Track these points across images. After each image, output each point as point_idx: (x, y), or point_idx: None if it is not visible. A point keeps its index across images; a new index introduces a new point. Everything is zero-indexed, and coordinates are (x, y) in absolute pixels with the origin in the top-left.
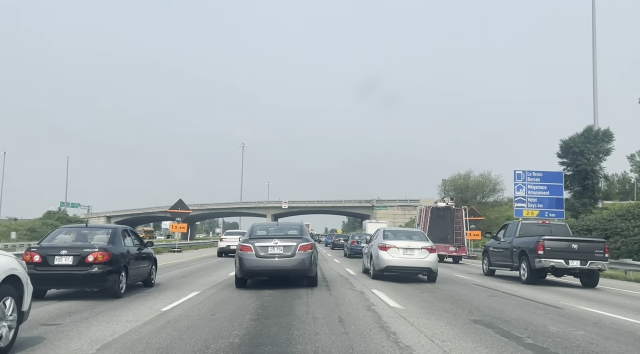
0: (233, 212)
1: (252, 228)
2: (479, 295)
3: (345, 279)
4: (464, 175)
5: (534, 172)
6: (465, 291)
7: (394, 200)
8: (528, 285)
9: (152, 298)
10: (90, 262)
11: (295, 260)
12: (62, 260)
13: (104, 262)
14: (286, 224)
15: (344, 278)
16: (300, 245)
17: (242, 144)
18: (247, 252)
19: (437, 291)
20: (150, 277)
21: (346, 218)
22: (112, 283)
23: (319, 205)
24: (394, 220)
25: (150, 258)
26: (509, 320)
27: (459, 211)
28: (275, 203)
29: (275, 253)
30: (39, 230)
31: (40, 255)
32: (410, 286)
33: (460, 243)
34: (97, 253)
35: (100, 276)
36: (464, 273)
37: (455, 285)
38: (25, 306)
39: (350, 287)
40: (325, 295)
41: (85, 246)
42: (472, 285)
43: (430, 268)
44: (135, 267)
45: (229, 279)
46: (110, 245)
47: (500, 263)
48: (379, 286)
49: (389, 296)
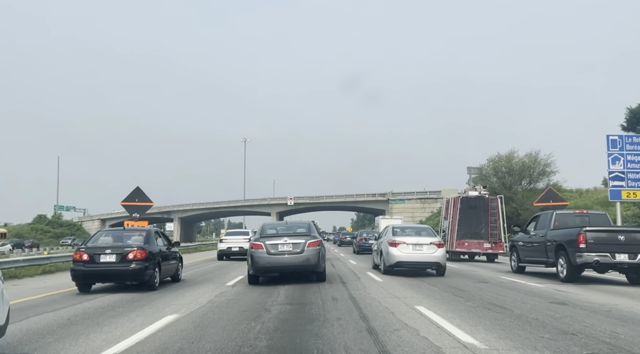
0: (235, 211)
1: (262, 227)
2: (513, 295)
3: (353, 273)
4: (506, 156)
5: (634, 137)
6: (496, 289)
7: (412, 192)
8: (568, 282)
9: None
10: (130, 259)
11: (304, 256)
12: (106, 258)
13: (142, 259)
14: (295, 223)
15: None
16: (308, 242)
17: (244, 139)
18: (259, 250)
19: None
20: (178, 273)
21: (355, 216)
22: (149, 277)
23: (328, 200)
24: (413, 215)
25: (177, 257)
26: None
27: (494, 200)
28: (280, 200)
29: (285, 250)
30: (26, 235)
31: (88, 254)
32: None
33: (496, 238)
34: (136, 252)
35: (139, 271)
36: (492, 270)
37: (477, 282)
38: (1, 320)
39: (357, 279)
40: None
41: (126, 246)
42: (499, 282)
43: (439, 262)
44: (166, 264)
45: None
46: (146, 245)
47: (531, 259)
48: (386, 278)
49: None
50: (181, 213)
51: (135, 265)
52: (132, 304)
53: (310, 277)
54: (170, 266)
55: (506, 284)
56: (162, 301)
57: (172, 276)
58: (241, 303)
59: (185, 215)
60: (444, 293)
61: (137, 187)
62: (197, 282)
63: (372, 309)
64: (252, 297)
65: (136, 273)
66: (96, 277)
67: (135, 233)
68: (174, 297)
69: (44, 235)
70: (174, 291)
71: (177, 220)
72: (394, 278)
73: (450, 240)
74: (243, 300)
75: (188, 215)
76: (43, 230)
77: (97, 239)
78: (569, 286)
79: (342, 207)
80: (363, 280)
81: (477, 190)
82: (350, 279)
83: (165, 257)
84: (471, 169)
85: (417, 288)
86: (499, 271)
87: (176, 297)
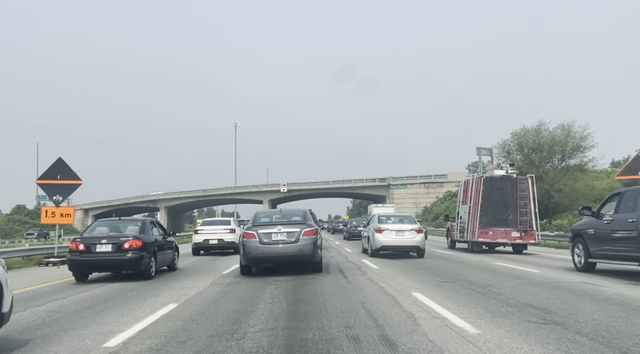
0: (225, 199)
1: (255, 215)
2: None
3: (344, 256)
4: (534, 129)
5: None
6: None
7: (415, 177)
8: None
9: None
10: (126, 249)
11: (299, 245)
12: (102, 247)
13: (138, 249)
14: (291, 211)
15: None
16: (303, 230)
17: (235, 124)
18: (251, 239)
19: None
20: (174, 262)
21: (351, 204)
22: (145, 266)
23: (323, 186)
24: (416, 201)
25: (173, 247)
26: None
27: (524, 181)
28: (273, 187)
29: (279, 239)
30: (2, 227)
31: (84, 244)
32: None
33: (526, 225)
34: (131, 241)
35: (135, 260)
36: (544, 268)
37: None
38: (5, 308)
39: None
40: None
41: (121, 236)
42: (573, 287)
43: (418, 246)
44: (162, 253)
45: None
46: (142, 234)
47: (611, 253)
48: (367, 258)
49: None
50: (167, 202)
51: (131, 255)
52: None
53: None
54: (166, 256)
55: (597, 292)
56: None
57: (169, 266)
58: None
59: (171, 204)
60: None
61: (59, 159)
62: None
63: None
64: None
65: (132, 262)
66: (93, 267)
67: (131, 223)
68: (169, 286)
69: (22, 226)
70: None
71: (163, 209)
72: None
73: (470, 228)
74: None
75: (175, 203)
76: (22, 221)
77: (94, 229)
78: None
79: (339, 194)
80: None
81: (504, 169)
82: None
83: (161, 247)
84: (481, 149)
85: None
86: (554, 268)
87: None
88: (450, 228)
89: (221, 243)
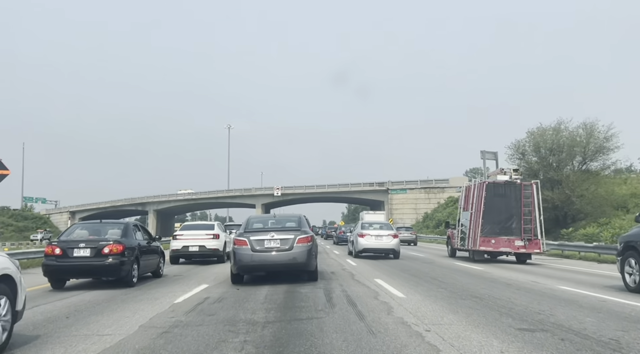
0: (216, 203)
1: (247, 221)
2: None
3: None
4: (552, 128)
5: None
6: None
7: (415, 181)
8: None
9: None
10: (106, 253)
11: (293, 253)
12: (80, 252)
13: (118, 253)
14: (285, 216)
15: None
16: (298, 237)
17: (228, 125)
18: (243, 246)
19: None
20: (159, 268)
21: (346, 209)
22: (126, 272)
23: (319, 190)
24: (416, 207)
25: (159, 252)
26: None
27: (529, 187)
28: (266, 191)
29: (272, 246)
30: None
31: (60, 248)
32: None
33: (530, 234)
34: (112, 246)
35: (115, 266)
36: (579, 285)
37: None
38: (19, 306)
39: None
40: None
41: (101, 240)
42: None
43: (393, 248)
44: (146, 259)
45: None
46: (124, 238)
47: None
48: (353, 259)
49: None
50: (156, 205)
51: (111, 260)
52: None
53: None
54: (150, 262)
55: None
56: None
57: (153, 272)
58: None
59: (161, 207)
60: None
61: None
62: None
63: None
64: (201, 334)
65: (112, 268)
66: (69, 272)
67: (113, 226)
68: (152, 295)
69: (5, 228)
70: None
71: (152, 213)
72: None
73: (472, 236)
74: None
75: (164, 206)
76: (5, 223)
77: (72, 232)
78: None
79: (335, 198)
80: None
81: (507, 174)
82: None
83: (145, 252)
84: (485, 153)
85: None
86: (593, 286)
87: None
88: (451, 236)
89: (203, 251)
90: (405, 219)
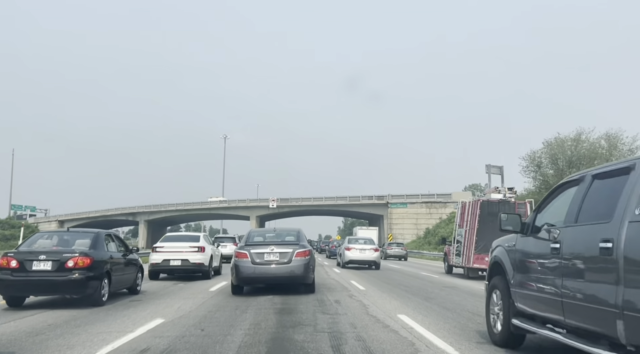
0: (210, 214)
1: (249, 234)
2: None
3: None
4: (572, 138)
5: None
6: None
7: (416, 195)
8: None
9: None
10: (70, 267)
11: (291, 266)
12: (40, 265)
13: (85, 267)
14: (284, 230)
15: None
16: (296, 251)
17: (224, 135)
18: (243, 259)
19: None
20: (136, 284)
21: (342, 224)
22: (94, 290)
23: (316, 203)
24: (417, 222)
25: (136, 265)
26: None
27: (522, 206)
28: (262, 202)
29: (271, 259)
30: None
31: (17, 260)
32: None
33: None
34: (77, 258)
35: (81, 282)
36: None
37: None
38: None
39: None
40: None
41: (65, 251)
42: None
43: (374, 260)
44: (119, 273)
45: None
46: (92, 250)
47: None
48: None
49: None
50: (147, 215)
51: (77, 275)
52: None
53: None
54: (125, 277)
55: None
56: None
57: (130, 288)
58: None
59: (152, 218)
60: None
61: None
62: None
63: None
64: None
65: (76, 284)
66: (26, 288)
67: (81, 236)
68: (122, 317)
69: None
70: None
71: (143, 223)
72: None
73: (466, 253)
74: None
75: (156, 217)
76: None
77: (34, 242)
78: None
79: (333, 211)
80: None
81: (502, 192)
82: None
83: (119, 265)
84: (490, 167)
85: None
86: None
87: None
88: (447, 253)
89: (185, 265)
90: (405, 234)
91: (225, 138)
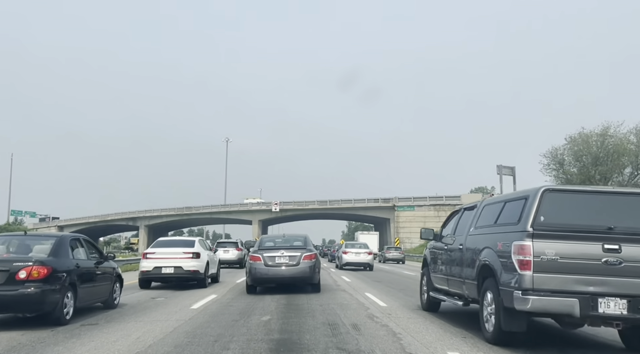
0: (211, 218)
1: (261, 240)
2: None
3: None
4: (597, 133)
5: None
6: None
7: (424, 198)
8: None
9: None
10: (22, 279)
11: (300, 268)
12: None
13: (41, 279)
14: (292, 236)
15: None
16: (304, 255)
17: (226, 139)
18: (257, 262)
19: None
20: (113, 297)
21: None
22: (52, 306)
23: (320, 206)
24: (425, 225)
25: (111, 275)
26: None
27: None
28: (264, 206)
29: (282, 262)
30: None
31: None
32: None
33: None
34: (31, 268)
35: (36, 297)
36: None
37: None
38: None
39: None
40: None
41: (18, 260)
42: None
43: (368, 263)
44: (89, 285)
45: None
46: (52, 258)
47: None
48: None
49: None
50: (148, 220)
51: (32, 289)
52: None
53: None
54: (97, 289)
55: None
56: None
57: (105, 302)
58: None
59: (153, 223)
60: None
61: None
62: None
63: None
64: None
65: (30, 299)
66: None
67: (41, 240)
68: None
69: None
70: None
71: (143, 228)
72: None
73: None
74: None
75: (156, 222)
76: None
77: None
78: None
79: (337, 215)
80: None
81: None
82: None
83: (88, 276)
84: (502, 168)
85: None
86: None
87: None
88: None
89: (179, 273)
90: (412, 238)
91: (227, 142)
